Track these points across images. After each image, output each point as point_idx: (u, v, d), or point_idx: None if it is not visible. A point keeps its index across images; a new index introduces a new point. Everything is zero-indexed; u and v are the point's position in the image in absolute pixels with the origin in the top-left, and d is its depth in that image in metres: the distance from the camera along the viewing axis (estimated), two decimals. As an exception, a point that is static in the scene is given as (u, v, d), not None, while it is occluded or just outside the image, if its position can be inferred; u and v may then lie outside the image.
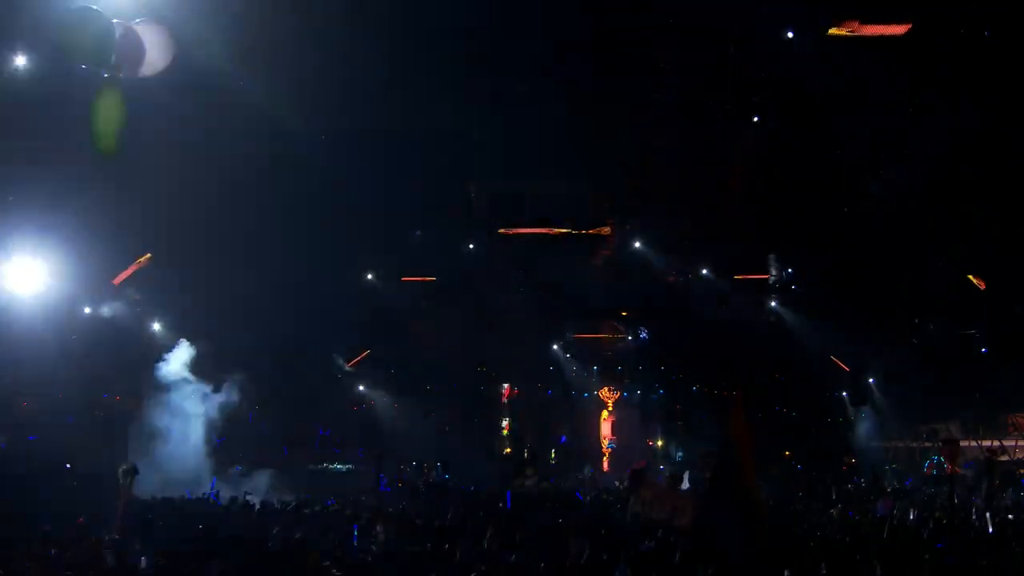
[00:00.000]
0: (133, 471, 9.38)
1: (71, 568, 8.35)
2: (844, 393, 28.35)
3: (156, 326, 22.46)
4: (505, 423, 33.89)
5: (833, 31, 13.62)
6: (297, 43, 14.95)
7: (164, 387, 20.84)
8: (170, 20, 7.84)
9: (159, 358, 21.13)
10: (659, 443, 33.78)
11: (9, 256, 16.01)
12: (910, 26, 12.99)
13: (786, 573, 7.94)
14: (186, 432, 20.90)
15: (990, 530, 12.17)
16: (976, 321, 23.40)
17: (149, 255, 18.72)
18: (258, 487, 19.67)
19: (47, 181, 14.92)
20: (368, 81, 16.12)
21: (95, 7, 7.13)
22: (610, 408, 33.81)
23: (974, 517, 14.00)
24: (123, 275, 18.67)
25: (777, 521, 13.84)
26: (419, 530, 12.08)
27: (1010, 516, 14.66)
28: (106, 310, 19.54)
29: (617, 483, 22.78)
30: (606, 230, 24.16)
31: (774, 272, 24.46)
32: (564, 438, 33.27)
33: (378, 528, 11.80)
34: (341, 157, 18.10)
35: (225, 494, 17.57)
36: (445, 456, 29.90)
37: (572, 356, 33.27)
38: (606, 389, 33.77)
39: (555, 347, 32.24)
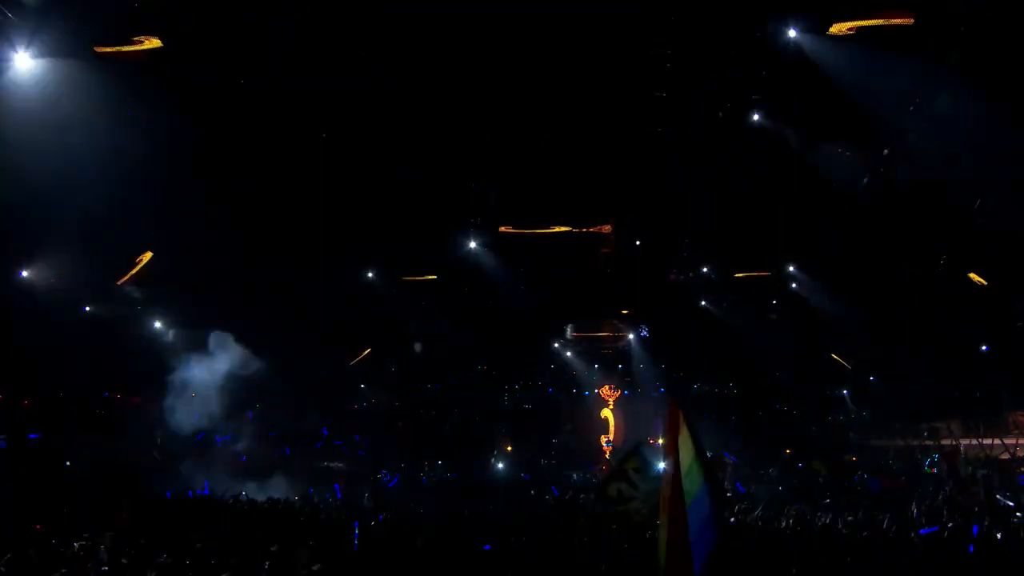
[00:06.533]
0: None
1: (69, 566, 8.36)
2: (845, 391, 28.33)
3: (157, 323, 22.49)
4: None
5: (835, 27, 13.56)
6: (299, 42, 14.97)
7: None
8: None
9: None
10: (660, 441, 33.66)
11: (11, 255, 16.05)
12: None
13: (794, 571, 7.95)
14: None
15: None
16: (977, 319, 23.36)
17: (150, 253, 18.70)
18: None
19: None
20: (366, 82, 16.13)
21: None
22: (611, 406, 33.74)
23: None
24: (128, 275, 18.65)
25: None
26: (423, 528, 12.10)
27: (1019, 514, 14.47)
28: (106, 308, 19.51)
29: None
30: (607, 228, 24.07)
31: (774, 270, 24.42)
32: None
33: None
34: (341, 155, 18.11)
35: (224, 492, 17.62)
36: (448, 455, 29.91)
37: (573, 355, 33.23)
38: (607, 387, 33.69)
39: (556, 345, 32.20)
